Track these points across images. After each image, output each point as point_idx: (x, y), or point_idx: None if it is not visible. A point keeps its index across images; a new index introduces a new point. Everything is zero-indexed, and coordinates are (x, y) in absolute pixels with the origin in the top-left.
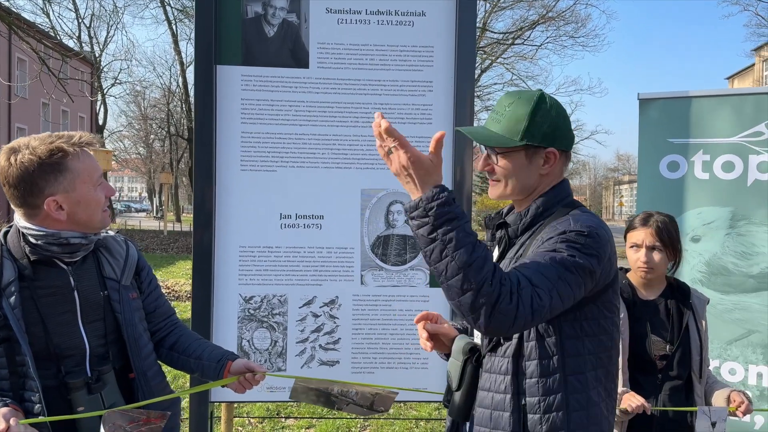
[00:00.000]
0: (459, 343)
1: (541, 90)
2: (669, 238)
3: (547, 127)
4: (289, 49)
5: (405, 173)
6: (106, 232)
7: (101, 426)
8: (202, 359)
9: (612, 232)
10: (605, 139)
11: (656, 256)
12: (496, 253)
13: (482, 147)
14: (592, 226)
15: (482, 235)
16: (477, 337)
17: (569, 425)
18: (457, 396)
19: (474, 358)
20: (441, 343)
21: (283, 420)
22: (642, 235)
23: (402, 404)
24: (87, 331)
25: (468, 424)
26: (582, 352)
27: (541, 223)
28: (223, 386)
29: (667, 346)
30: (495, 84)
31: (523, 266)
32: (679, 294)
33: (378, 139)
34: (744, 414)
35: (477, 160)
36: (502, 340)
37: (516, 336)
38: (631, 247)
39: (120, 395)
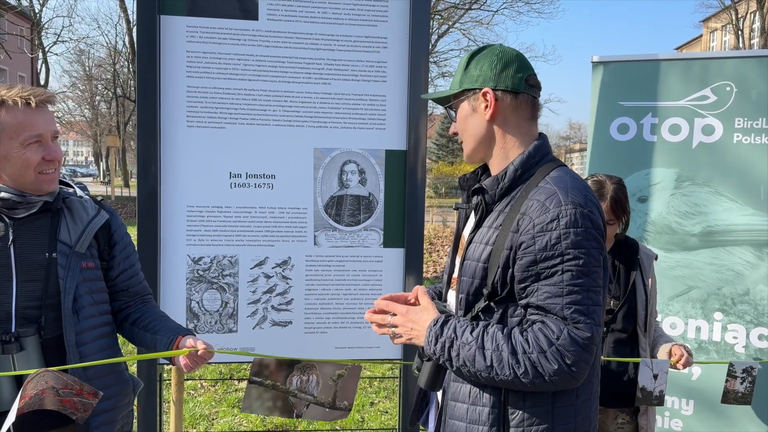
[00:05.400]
0: None
1: (500, 44)
2: (622, 210)
3: (482, 69)
4: (237, 0)
5: (408, 328)
6: (76, 195)
7: (29, 381)
8: (157, 334)
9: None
10: (558, 107)
11: (610, 230)
12: (472, 220)
13: (449, 112)
14: (580, 203)
15: (438, 201)
16: (450, 304)
17: (554, 404)
18: (428, 366)
19: None
20: None
21: (236, 383)
22: None
23: (355, 364)
24: (19, 290)
25: (441, 393)
26: None
27: (521, 187)
28: (165, 357)
29: (612, 301)
30: (452, 50)
31: (547, 304)
32: (627, 251)
33: (379, 326)
34: (684, 367)
35: (432, 126)
36: (481, 315)
37: (499, 310)
38: None
39: (42, 365)
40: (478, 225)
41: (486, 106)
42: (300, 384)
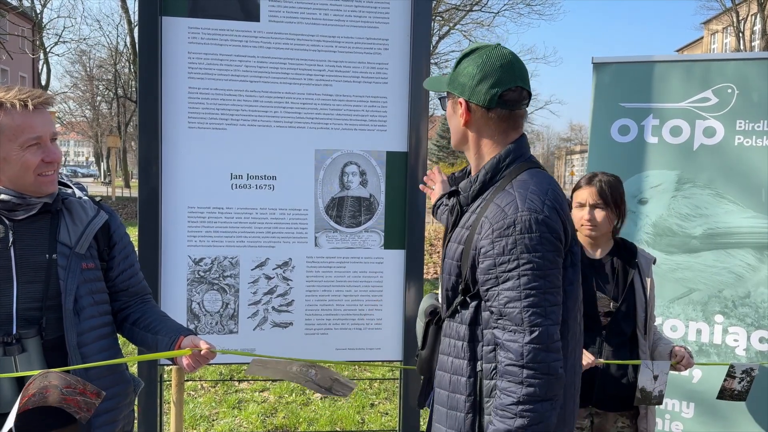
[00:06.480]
0: (424, 304)
1: (497, 44)
2: (612, 197)
3: (464, 77)
4: (239, 1)
5: None
6: (75, 195)
7: (32, 381)
8: (158, 334)
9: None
10: (559, 109)
11: (598, 214)
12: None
13: (440, 102)
14: (535, 209)
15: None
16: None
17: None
18: (422, 354)
19: (435, 320)
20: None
21: (236, 384)
22: (586, 194)
23: (356, 366)
24: (20, 291)
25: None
26: None
27: (491, 189)
28: (167, 358)
29: (611, 303)
30: (453, 51)
31: (506, 310)
32: (625, 253)
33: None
34: (685, 368)
35: (433, 128)
36: (459, 308)
37: (473, 304)
38: (576, 206)
39: (44, 366)
40: (454, 225)
41: (461, 113)
42: (300, 370)
